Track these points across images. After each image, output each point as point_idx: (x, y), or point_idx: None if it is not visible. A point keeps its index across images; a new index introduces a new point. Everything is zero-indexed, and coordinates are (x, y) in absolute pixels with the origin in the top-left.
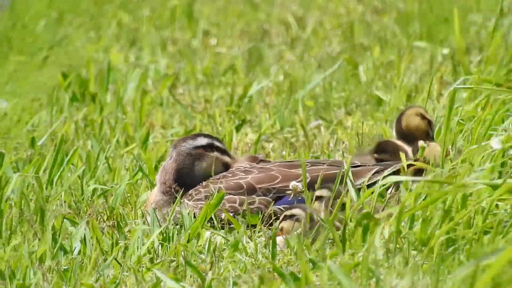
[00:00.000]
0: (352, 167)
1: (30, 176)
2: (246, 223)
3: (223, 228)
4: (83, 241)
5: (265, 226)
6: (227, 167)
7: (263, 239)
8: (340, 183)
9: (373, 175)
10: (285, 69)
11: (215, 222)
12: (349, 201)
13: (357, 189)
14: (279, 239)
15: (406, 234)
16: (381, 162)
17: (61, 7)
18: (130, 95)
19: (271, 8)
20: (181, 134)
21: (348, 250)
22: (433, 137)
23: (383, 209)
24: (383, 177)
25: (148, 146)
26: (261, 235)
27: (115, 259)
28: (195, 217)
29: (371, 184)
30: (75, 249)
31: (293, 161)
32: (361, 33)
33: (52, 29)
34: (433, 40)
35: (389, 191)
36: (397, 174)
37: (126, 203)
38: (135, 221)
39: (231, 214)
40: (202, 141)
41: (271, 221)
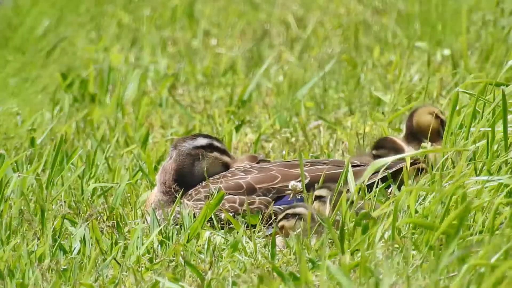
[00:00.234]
0: (352, 166)
1: (30, 176)
2: (245, 223)
3: (222, 228)
4: (83, 241)
5: (264, 226)
6: (227, 167)
7: (263, 239)
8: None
9: (372, 174)
10: (285, 70)
11: (215, 222)
12: (347, 200)
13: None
14: (279, 239)
15: (405, 234)
16: (379, 158)
17: (62, 7)
18: (130, 96)
19: (272, 8)
20: (181, 134)
21: (347, 250)
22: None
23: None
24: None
25: (147, 146)
26: (261, 235)
27: (115, 259)
28: (194, 217)
29: (371, 184)
30: (74, 249)
31: (293, 161)
32: (362, 34)
33: (52, 29)
34: (433, 40)
35: (390, 191)
36: (397, 173)
37: (126, 203)
38: (135, 221)
39: (231, 214)
40: (201, 141)
41: (271, 221)
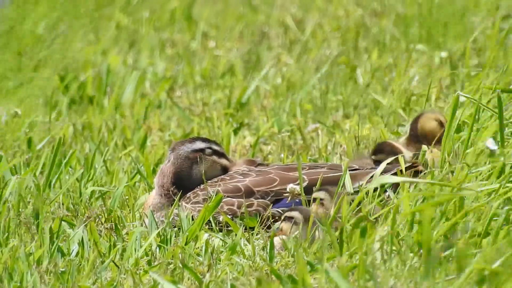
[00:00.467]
0: (350, 170)
1: (28, 178)
2: (244, 225)
3: (221, 230)
4: (81, 243)
5: (263, 229)
6: (225, 170)
7: (261, 242)
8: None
9: (371, 178)
10: (283, 72)
11: (213, 224)
12: (346, 204)
13: (355, 192)
14: (277, 241)
15: (404, 236)
16: (378, 163)
17: (60, 9)
18: (128, 98)
19: (271, 10)
20: (179, 136)
21: (345, 252)
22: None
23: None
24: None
25: (146, 148)
26: (259, 238)
27: (113, 262)
28: (193, 219)
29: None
30: (72, 251)
31: (291, 164)
32: (360, 36)
33: (51, 31)
34: (432, 43)
35: (387, 194)
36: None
37: (124, 206)
38: (133, 223)
39: (229, 216)
40: (200, 145)
41: (269, 223)
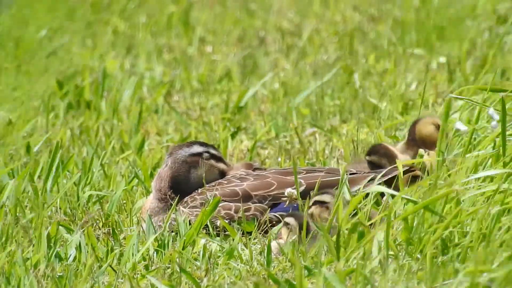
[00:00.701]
0: (348, 174)
1: (25, 183)
2: (241, 230)
3: (218, 235)
4: (78, 248)
5: (260, 233)
6: (222, 174)
7: (259, 246)
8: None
9: (368, 182)
10: (280, 77)
11: (211, 229)
12: (342, 208)
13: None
14: (274, 246)
15: (401, 241)
16: (372, 164)
17: (58, 15)
18: (125, 102)
19: (268, 15)
20: (176, 141)
21: (342, 257)
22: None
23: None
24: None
25: (143, 153)
26: (257, 242)
27: (110, 266)
28: (190, 224)
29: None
30: (70, 255)
31: (289, 168)
32: (357, 41)
33: (49, 36)
34: (429, 48)
35: (384, 198)
36: (391, 180)
37: (121, 210)
38: (131, 228)
39: (227, 221)
40: (197, 149)
41: (266, 228)
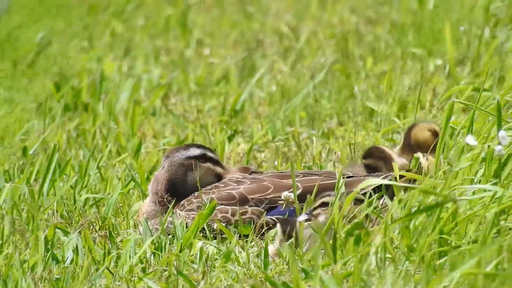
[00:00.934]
0: (344, 177)
1: (22, 185)
2: (238, 233)
3: (215, 238)
4: (75, 251)
5: (257, 236)
6: (219, 177)
7: (256, 249)
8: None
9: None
10: (277, 79)
11: (207, 232)
12: (339, 211)
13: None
14: (271, 249)
15: (398, 244)
16: (368, 167)
17: (55, 16)
18: (122, 105)
19: (265, 18)
20: (173, 143)
21: (340, 260)
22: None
23: (375, 219)
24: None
25: (140, 155)
26: (254, 245)
27: (107, 269)
28: (187, 227)
29: (364, 194)
30: (67, 258)
31: (285, 172)
32: (355, 44)
33: (45, 38)
34: (426, 50)
35: (382, 201)
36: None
37: (118, 213)
38: (127, 231)
39: (223, 224)
40: (194, 152)
41: (263, 231)
